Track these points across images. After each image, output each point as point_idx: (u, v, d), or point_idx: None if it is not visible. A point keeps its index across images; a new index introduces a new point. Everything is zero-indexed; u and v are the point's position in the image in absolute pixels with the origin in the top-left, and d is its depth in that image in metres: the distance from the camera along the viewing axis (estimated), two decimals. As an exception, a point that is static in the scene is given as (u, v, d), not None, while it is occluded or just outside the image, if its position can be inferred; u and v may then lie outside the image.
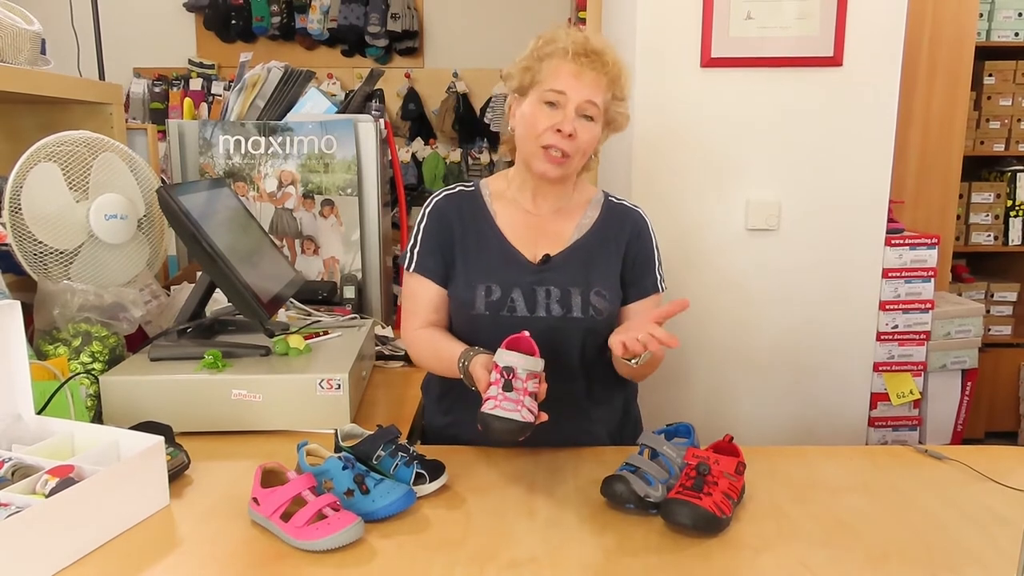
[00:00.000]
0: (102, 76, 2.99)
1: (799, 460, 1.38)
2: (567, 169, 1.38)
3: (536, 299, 1.40)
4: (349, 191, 2.14)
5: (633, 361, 1.25)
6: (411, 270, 1.47)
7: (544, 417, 1.18)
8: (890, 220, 2.19)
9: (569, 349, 1.41)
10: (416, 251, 1.46)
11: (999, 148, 3.53)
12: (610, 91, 1.37)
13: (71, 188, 1.62)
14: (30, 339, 1.43)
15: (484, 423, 1.14)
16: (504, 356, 1.18)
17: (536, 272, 1.42)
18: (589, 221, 1.47)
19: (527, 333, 1.24)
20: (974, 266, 3.71)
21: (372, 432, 1.27)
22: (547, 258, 1.43)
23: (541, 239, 1.45)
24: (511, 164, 1.51)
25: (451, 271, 1.45)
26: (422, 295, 1.46)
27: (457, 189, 1.50)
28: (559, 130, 1.33)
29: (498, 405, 1.14)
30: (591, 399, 1.44)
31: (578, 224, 1.46)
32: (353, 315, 1.98)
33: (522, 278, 1.41)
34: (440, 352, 1.38)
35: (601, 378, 1.46)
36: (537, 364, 1.19)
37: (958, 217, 3.41)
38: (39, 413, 1.28)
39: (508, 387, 1.15)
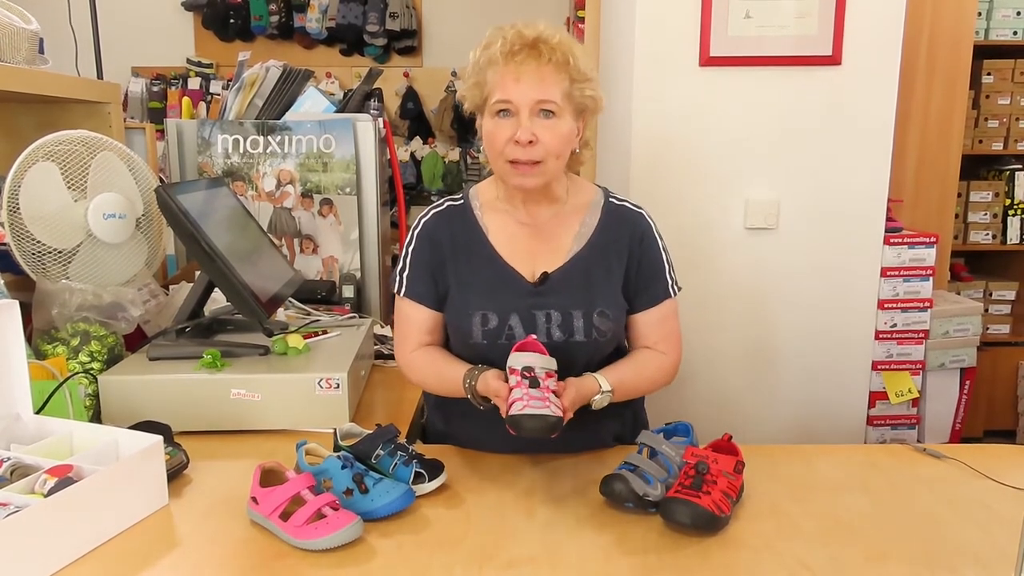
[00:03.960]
0: (100, 75, 2.98)
1: (798, 459, 1.38)
2: (543, 176, 1.29)
3: (535, 324, 1.32)
4: (348, 190, 2.14)
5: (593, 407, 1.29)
6: (401, 295, 1.40)
7: (570, 414, 1.18)
8: (889, 219, 2.20)
9: (573, 370, 1.32)
10: (406, 275, 1.39)
11: (998, 147, 3.53)
12: (564, 77, 1.25)
13: (69, 187, 1.61)
14: (28, 339, 1.43)
15: (516, 424, 1.13)
16: (520, 358, 1.19)
17: (534, 294, 1.34)
18: (588, 229, 1.38)
19: (534, 337, 1.24)
20: (972, 265, 3.71)
21: (371, 431, 1.27)
22: (545, 276, 1.35)
23: (538, 253, 1.36)
24: None
25: (444, 293, 1.39)
26: (414, 318, 1.40)
27: (446, 206, 1.42)
28: (517, 141, 1.25)
29: (527, 405, 1.13)
30: (599, 412, 1.36)
31: (577, 233, 1.37)
32: (352, 314, 1.97)
33: (519, 301, 1.33)
34: (442, 373, 1.35)
35: None
36: (551, 363, 1.20)
37: (956, 216, 3.41)
38: (38, 413, 1.28)
39: (534, 384, 1.15)
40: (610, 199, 1.42)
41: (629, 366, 1.38)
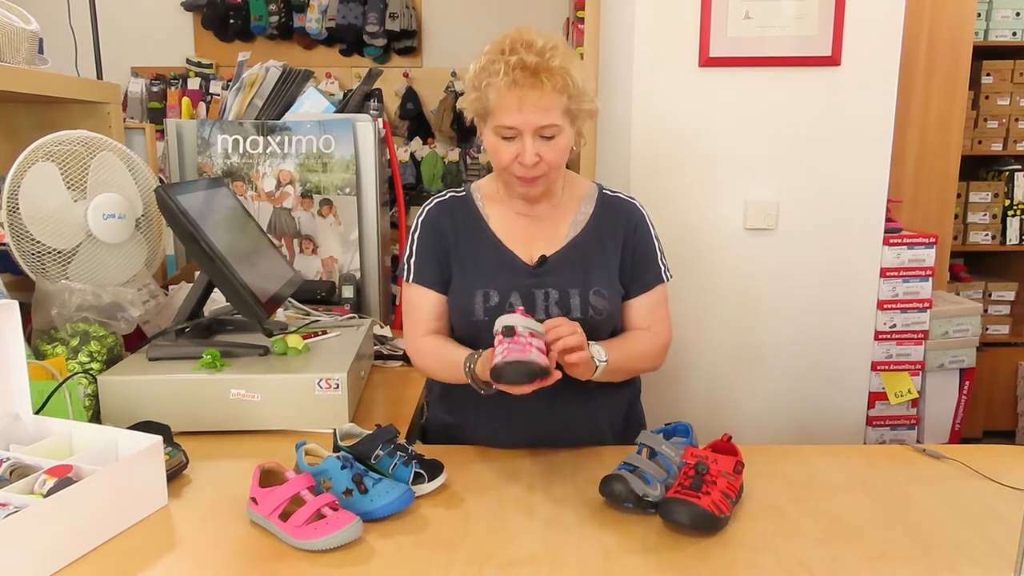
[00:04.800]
0: (100, 75, 2.98)
1: (797, 459, 1.38)
2: (545, 185, 1.38)
3: (535, 302, 1.38)
4: (347, 190, 2.14)
5: (593, 377, 1.29)
6: (410, 281, 1.46)
7: (558, 375, 1.18)
8: (888, 220, 2.20)
9: None
10: (412, 262, 1.45)
11: (997, 148, 3.53)
12: (563, 98, 1.30)
13: (69, 188, 1.61)
14: (28, 339, 1.43)
15: (496, 373, 1.14)
16: (502, 320, 1.20)
17: (533, 274, 1.41)
18: (584, 217, 1.45)
19: (521, 309, 1.26)
20: (972, 265, 3.71)
21: (371, 432, 1.27)
22: (543, 259, 1.41)
23: (536, 240, 1.44)
24: None
25: (449, 278, 1.44)
26: (423, 305, 1.45)
27: (448, 196, 1.49)
28: (522, 163, 1.32)
29: (506, 355, 1.15)
30: (594, 397, 1.43)
31: (573, 221, 1.45)
32: (351, 315, 1.98)
33: (519, 281, 1.40)
34: (445, 359, 1.38)
35: None
36: (537, 326, 1.20)
37: (956, 216, 3.42)
38: (37, 413, 1.28)
39: (510, 334, 1.17)
40: (604, 191, 1.50)
41: (621, 338, 1.45)
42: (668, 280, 1.49)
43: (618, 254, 1.44)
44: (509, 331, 1.17)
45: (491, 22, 4.60)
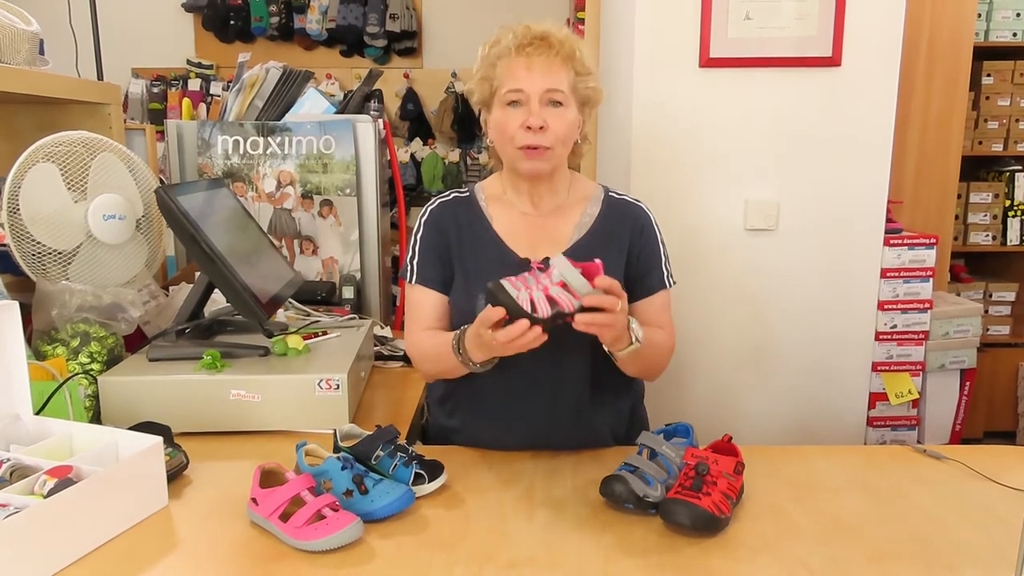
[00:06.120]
0: (100, 76, 2.98)
1: (798, 460, 1.38)
2: (551, 161, 1.36)
3: None
4: (348, 191, 2.14)
5: (622, 352, 1.25)
6: (412, 282, 1.44)
7: (544, 338, 1.12)
8: (888, 220, 2.20)
9: (573, 353, 1.37)
10: (415, 262, 1.44)
11: (997, 148, 3.53)
12: (570, 69, 1.33)
13: (69, 188, 1.61)
14: (28, 340, 1.43)
15: (489, 292, 1.12)
16: (557, 259, 1.13)
17: None
18: (589, 219, 1.44)
19: (599, 261, 1.15)
20: (972, 266, 3.71)
21: (371, 432, 1.27)
22: (547, 261, 1.41)
23: (540, 241, 1.42)
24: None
25: (451, 277, 1.43)
26: (425, 305, 1.44)
27: (452, 196, 1.48)
28: (529, 127, 1.31)
29: (509, 280, 1.12)
30: (596, 403, 1.42)
31: (578, 223, 1.44)
32: (352, 315, 1.98)
33: None
34: (439, 346, 1.34)
35: (607, 382, 1.43)
36: (579, 281, 1.11)
37: (956, 217, 3.42)
38: (37, 414, 1.28)
39: (539, 267, 1.13)
40: (610, 193, 1.49)
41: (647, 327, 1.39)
42: (671, 287, 1.46)
43: (623, 257, 1.43)
44: (543, 265, 1.12)
45: (491, 23, 4.57)
